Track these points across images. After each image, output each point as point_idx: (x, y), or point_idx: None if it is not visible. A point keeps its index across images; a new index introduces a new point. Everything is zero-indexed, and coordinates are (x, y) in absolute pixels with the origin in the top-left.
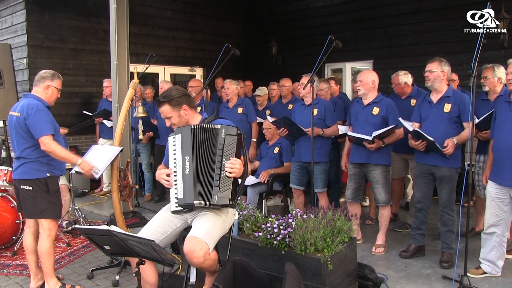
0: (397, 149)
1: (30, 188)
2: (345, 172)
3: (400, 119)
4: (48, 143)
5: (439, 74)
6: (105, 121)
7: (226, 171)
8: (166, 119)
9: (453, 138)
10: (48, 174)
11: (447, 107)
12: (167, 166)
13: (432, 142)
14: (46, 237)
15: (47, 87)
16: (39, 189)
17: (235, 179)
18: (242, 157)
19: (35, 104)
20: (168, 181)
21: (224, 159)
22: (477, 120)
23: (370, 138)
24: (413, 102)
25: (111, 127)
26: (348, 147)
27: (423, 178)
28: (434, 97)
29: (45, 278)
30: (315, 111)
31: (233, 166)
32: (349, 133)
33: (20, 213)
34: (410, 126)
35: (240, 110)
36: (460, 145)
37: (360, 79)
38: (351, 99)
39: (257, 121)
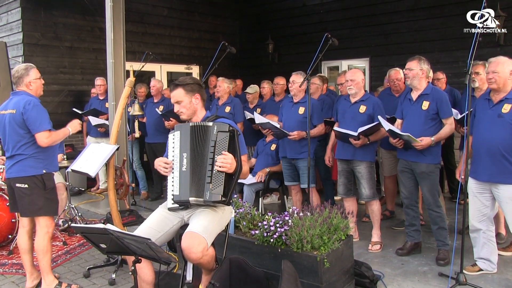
0: (387, 145)
1: (26, 186)
2: (335, 169)
3: (379, 117)
4: (47, 137)
5: (418, 72)
6: (90, 118)
7: (217, 166)
8: (176, 104)
9: (432, 137)
10: (44, 171)
11: (425, 105)
12: None
13: (407, 137)
14: (43, 235)
15: (29, 84)
16: (35, 186)
17: (228, 176)
18: (237, 154)
19: (31, 99)
20: (165, 168)
21: (216, 155)
22: (459, 116)
23: (355, 134)
24: None
25: (95, 125)
26: (333, 142)
27: (405, 173)
28: (414, 95)
29: (42, 275)
30: (302, 110)
31: (224, 160)
32: (336, 128)
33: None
34: (387, 125)
35: (227, 109)
36: (439, 142)
37: (352, 78)
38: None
39: (248, 117)
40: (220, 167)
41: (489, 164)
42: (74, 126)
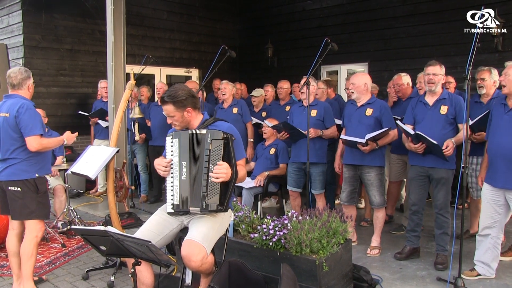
0: (397, 150)
1: (19, 189)
2: (342, 175)
3: (399, 122)
4: (37, 142)
5: (441, 78)
6: (100, 121)
7: (212, 177)
8: (169, 117)
9: (452, 139)
10: (37, 175)
11: (444, 109)
12: None
13: (435, 145)
14: (31, 239)
15: (30, 87)
16: (28, 189)
17: (224, 184)
18: (232, 161)
19: (25, 103)
20: (165, 171)
21: (211, 164)
22: (470, 122)
23: (363, 141)
24: None
25: (106, 127)
26: (341, 148)
27: (418, 180)
28: (430, 100)
29: (23, 280)
30: (314, 112)
31: (218, 171)
32: (342, 136)
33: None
34: (411, 129)
35: (235, 110)
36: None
37: (353, 81)
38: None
39: (253, 122)
40: (216, 178)
41: (504, 170)
42: (69, 137)
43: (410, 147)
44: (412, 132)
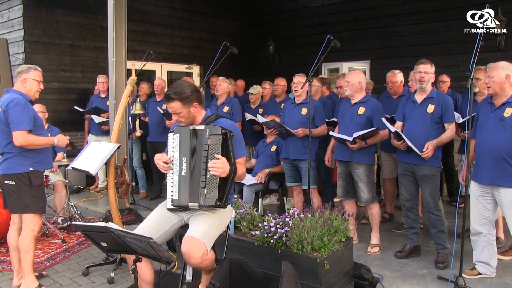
0: (387, 148)
1: (13, 182)
2: (336, 171)
3: (383, 119)
4: (23, 138)
5: (432, 76)
6: (93, 116)
7: (209, 170)
8: (174, 114)
9: (433, 141)
10: (31, 168)
11: (431, 108)
12: None
13: (411, 147)
14: (28, 232)
15: (24, 81)
16: (22, 183)
17: (223, 179)
18: (231, 156)
19: (15, 98)
20: (164, 168)
21: (209, 159)
22: (461, 120)
23: (350, 139)
24: None
25: (99, 123)
26: (333, 143)
27: (406, 176)
28: (419, 98)
29: (23, 274)
30: (305, 110)
31: (215, 165)
32: (331, 133)
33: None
34: (393, 126)
35: (226, 109)
36: (441, 146)
37: (347, 79)
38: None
39: (248, 118)
40: (212, 171)
41: (490, 167)
42: (61, 140)
43: (394, 144)
44: (393, 130)
